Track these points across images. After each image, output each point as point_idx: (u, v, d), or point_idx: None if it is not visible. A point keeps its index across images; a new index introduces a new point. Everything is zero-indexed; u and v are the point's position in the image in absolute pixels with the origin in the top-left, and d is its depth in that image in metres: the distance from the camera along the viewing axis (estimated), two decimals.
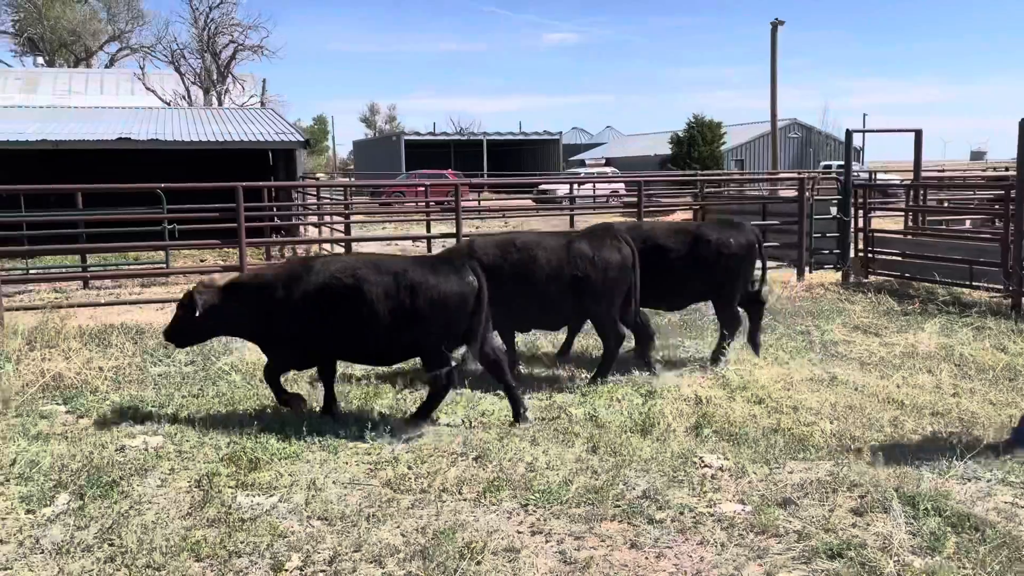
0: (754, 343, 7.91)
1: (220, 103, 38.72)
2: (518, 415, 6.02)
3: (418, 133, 58.27)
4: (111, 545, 4.07)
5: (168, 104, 34.45)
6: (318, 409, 6.21)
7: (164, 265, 13.82)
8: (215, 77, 40.26)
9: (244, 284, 6.13)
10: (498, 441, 5.54)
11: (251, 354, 7.90)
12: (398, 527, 4.28)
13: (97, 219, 13.09)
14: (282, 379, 6.23)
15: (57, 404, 6.52)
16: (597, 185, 29.51)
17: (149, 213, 13.45)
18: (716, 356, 7.67)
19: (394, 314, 5.76)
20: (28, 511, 4.48)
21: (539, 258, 6.88)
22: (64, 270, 13.74)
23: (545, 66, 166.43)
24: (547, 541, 4.15)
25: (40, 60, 44.43)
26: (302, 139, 21.21)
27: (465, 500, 4.63)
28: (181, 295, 6.24)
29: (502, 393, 6.70)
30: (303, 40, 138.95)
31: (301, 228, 19.00)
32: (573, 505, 4.53)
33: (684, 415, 6.05)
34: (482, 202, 27.09)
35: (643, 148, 56.31)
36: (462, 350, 6.30)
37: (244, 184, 10.90)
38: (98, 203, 14.87)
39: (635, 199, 13.63)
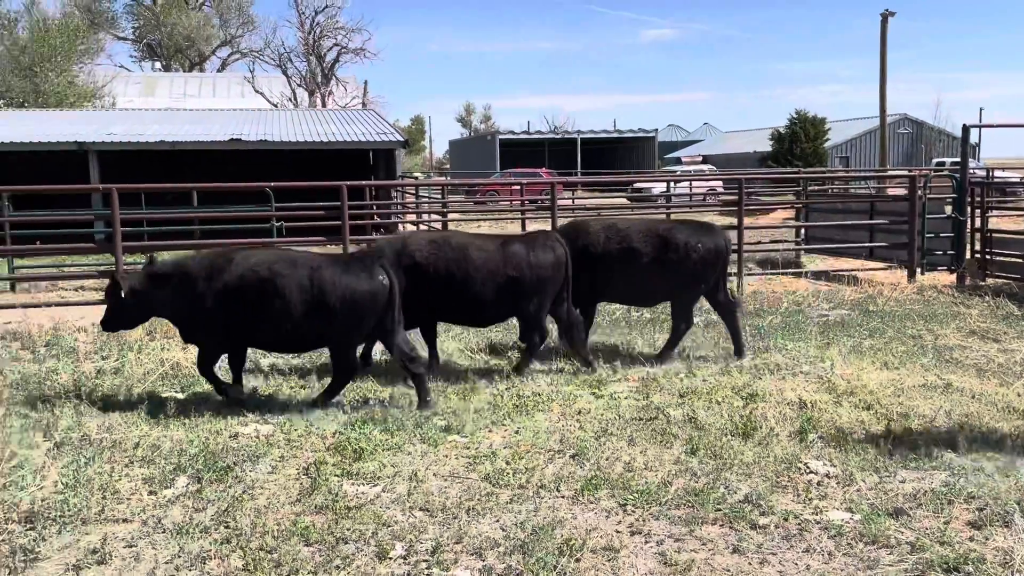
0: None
1: (324, 104, 39.95)
2: (422, 401, 6.30)
3: (512, 132, 58.53)
4: (226, 527, 4.27)
5: (275, 106, 35.80)
6: (416, 404, 6.33)
7: None
8: (319, 79, 41.55)
9: (169, 271, 6.42)
10: (595, 440, 5.54)
11: None
12: (497, 521, 4.34)
13: (210, 216, 13.76)
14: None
15: (175, 392, 6.87)
16: (694, 183, 28.99)
17: (258, 211, 14.03)
18: (663, 355, 7.74)
19: (304, 307, 6.10)
20: (150, 492, 4.75)
21: (473, 257, 7.03)
22: None
23: (642, 63, 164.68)
24: (646, 542, 4.13)
25: (157, 65, 46.99)
26: (401, 139, 21.67)
27: (563, 497, 4.65)
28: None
29: (598, 392, 6.72)
30: (403, 42, 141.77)
31: (400, 226, 19.41)
32: (672, 507, 4.48)
33: (787, 419, 5.88)
34: (576, 200, 27.04)
35: (742, 145, 55.01)
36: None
37: (348, 183, 11.24)
38: (211, 201, 15.63)
39: (734, 197, 13.35)
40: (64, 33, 30.24)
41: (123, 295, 6.32)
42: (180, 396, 6.74)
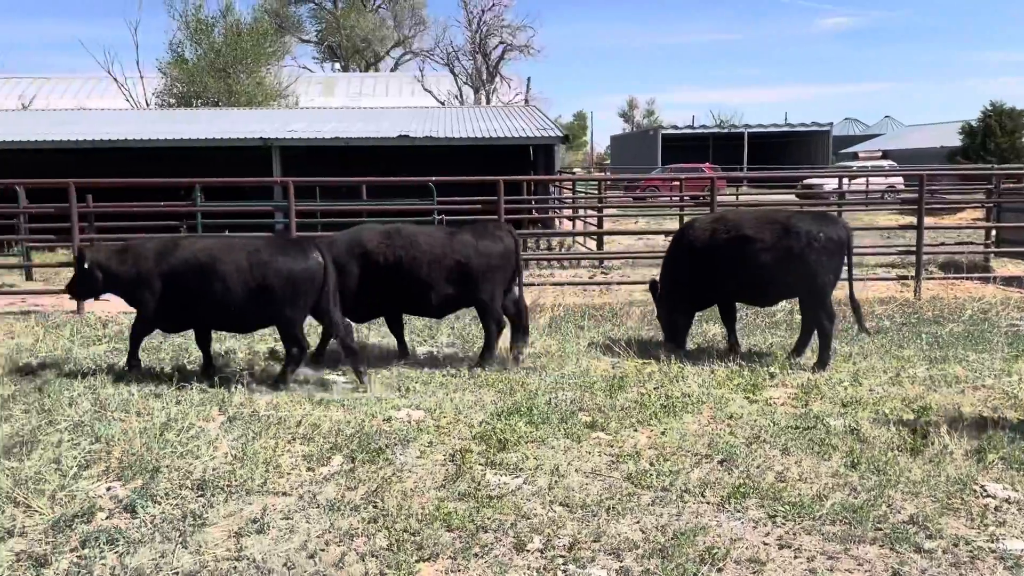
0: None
1: (488, 101, 40.84)
2: (357, 374, 6.81)
3: (675, 127, 57.31)
4: (374, 507, 4.44)
5: (442, 104, 36.93)
6: (551, 399, 6.32)
7: None
8: (484, 77, 42.51)
9: (127, 252, 7.00)
10: (746, 446, 5.31)
11: (505, 341, 8.24)
12: (637, 523, 4.25)
13: (378, 209, 14.38)
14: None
15: (337, 375, 7.23)
16: (871, 180, 27.22)
17: (422, 204, 14.52)
18: (821, 358, 7.31)
19: (246, 287, 6.61)
20: (308, 468, 5.02)
21: (422, 246, 7.21)
22: None
23: (816, 53, 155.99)
24: (796, 557, 3.91)
25: (337, 66, 49.68)
26: (561, 134, 21.73)
27: (708, 503, 4.49)
28: None
29: (752, 396, 6.44)
30: (567, 38, 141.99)
31: (556, 220, 19.51)
32: (827, 522, 4.22)
33: (964, 436, 5.39)
34: (740, 196, 26.13)
35: (927, 140, 51.08)
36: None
37: (504, 178, 11.41)
38: (379, 194, 16.36)
39: (915, 195, 12.40)
40: (255, 37, 32.65)
41: (85, 266, 6.98)
42: (341, 379, 7.08)
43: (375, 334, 8.68)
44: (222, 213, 14.06)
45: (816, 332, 7.43)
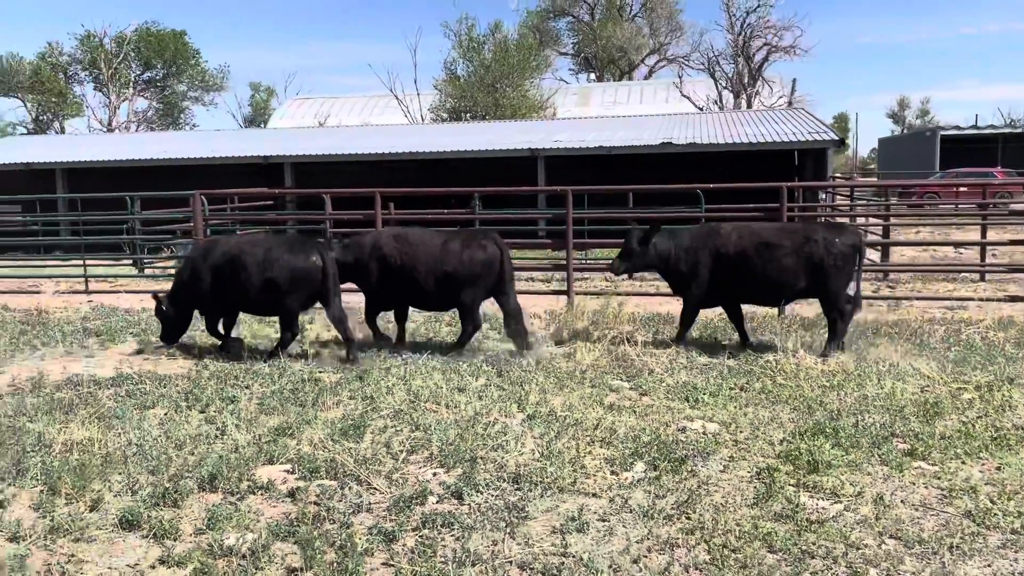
0: None
1: (749, 105, 39.43)
2: (349, 358, 7.97)
3: (957, 127, 51.82)
4: (687, 518, 4.39)
5: (701, 109, 36.25)
6: (858, 421, 5.89)
7: None
8: (746, 80, 41.08)
9: (186, 260, 8.82)
10: None
11: (787, 360, 7.87)
12: (989, 566, 3.84)
13: (644, 217, 14.36)
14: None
15: (622, 380, 7.29)
16: None
17: (688, 212, 14.29)
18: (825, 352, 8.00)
19: (260, 279, 7.95)
20: (612, 472, 5.08)
21: (420, 251, 8.19)
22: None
23: None
24: None
25: (592, 76, 50.59)
26: (835, 138, 20.45)
27: None
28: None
29: None
30: (830, 35, 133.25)
31: None
32: None
33: None
34: None
35: None
36: None
37: (788, 184, 10.93)
38: (644, 202, 16.36)
39: None
40: (521, 52, 34.14)
41: (164, 308, 8.60)
42: (627, 385, 7.13)
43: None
44: (497, 220, 14.77)
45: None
